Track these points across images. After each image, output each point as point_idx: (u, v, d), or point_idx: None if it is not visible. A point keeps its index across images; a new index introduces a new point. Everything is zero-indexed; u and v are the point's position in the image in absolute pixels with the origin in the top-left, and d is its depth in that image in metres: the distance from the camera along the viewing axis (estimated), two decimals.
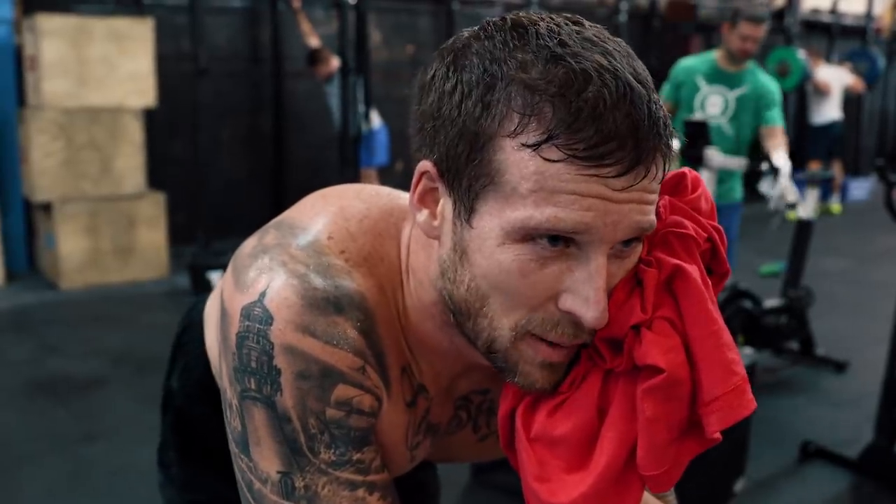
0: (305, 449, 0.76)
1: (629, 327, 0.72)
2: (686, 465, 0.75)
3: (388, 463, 0.84)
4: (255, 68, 6.96)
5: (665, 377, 0.70)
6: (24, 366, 4.02)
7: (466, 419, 0.95)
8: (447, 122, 0.71)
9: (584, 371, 0.77)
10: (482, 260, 0.71)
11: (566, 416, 0.76)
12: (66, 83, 5.28)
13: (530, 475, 0.76)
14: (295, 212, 0.85)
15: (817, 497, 2.99)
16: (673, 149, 0.71)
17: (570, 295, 0.70)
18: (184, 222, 6.28)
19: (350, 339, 0.76)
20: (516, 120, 0.67)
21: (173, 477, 1.20)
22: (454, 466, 2.93)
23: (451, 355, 0.85)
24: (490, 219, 0.70)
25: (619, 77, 0.66)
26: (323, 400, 0.75)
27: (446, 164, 0.72)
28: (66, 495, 2.84)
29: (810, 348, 4.21)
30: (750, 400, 0.72)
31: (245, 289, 0.77)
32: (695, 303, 0.72)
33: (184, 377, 1.17)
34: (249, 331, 0.75)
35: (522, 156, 0.67)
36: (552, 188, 0.67)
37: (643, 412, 0.71)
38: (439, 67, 0.73)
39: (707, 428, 0.72)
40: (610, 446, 0.73)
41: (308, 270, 0.76)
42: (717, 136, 3.96)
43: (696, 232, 0.77)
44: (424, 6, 7.79)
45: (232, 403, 0.79)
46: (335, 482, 0.77)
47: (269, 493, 0.78)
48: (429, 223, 0.76)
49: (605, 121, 0.65)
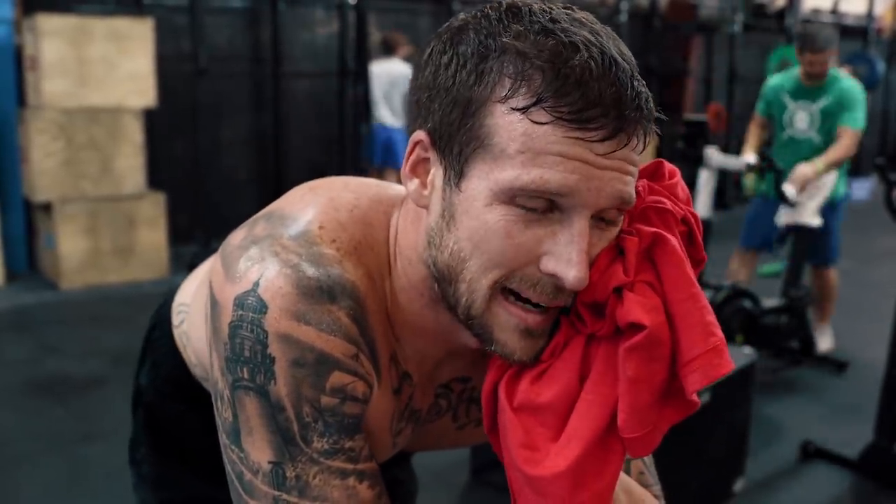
0: (298, 438, 0.76)
1: (612, 290, 0.74)
2: (666, 430, 0.76)
3: (372, 450, 0.84)
4: (255, 68, 6.96)
5: (647, 333, 0.72)
6: (23, 365, 4.02)
7: (447, 407, 0.95)
8: (442, 92, 0.75)
9: (566, 339, 0.78)
10: (469, 221, 0.74)
11: (549, 383, 0.77)
12: (66, 83, 5.28)
13: (516, 443, 0.76)
14: (284, 203, 0.86)
15: (817, 497, 2.99)
16: (653, 126, 0.75)
17: (552, 257, 0.73)
18: (184, 222, 6.28)
19: (344, 326, 0.77)
20: (507, 85, 0.71)
21: (145, 475, 1.21)
22: (453, 466, 2.93)
23: (436, 337, 0.86)
24: (479, 181, 0.74)
25: (605, 52, 0.71)
26: (318, 387, 0.75)
27: (439, 132, 0.76)
28: (64, 495, 2.84)
29: (810, 348, 4.20)
30: (728, 360, 0.73)
31: (237, 279, 0.77)
32: (673, 267, 0.75)
33: (153, 373, 1.18)
34: (243, 320, 0.75)
35: (512, 119, 0.71)
36: (539, 149, 0.70)
37: (625, 371, 0.73)
38: (437, 45, 0.77)
39: (687, 387, 0.73)
40: (591, 411, 0.74)
41: (301, 260, 0.77)
42: (808, 149, 4.02)
43: (674, 209, 0.79)
44: (424, 6, 7.79)
45: (223, 394, 0.79)
46: (326, 471, 0.77)
47: (260, 484, 0.78)
48: (419, 192, 0.79)
49: (591, 88, 0.69)
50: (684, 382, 0.73)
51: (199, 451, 1.16)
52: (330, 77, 7.23)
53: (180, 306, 1.16)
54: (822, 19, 10.85)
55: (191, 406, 1.16)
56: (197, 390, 1.14)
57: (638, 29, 9.17)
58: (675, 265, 0.75)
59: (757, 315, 3.85)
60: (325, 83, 7.24)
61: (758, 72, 9.85)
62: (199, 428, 1.15)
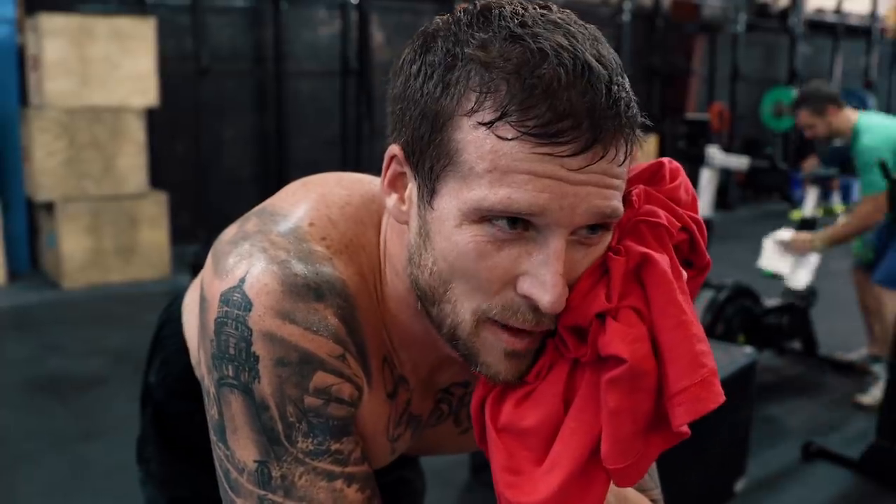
0: (283, 438, 0.75)
1: (594, 315, 0.71)
2: (654, 459, 0.73)
3: (369, 455, 0.83)
4: (257, 68, 6.97)
5: (627, 367, 0.68)
6: (24, 365, 4.02)
7: (448, 412, 0.94)
8: (411, 104, 0.72)
9: (551, 362, 0.75)
10: (442, 242, 0.71)
11: (533, 407, 0.75)
12: (69, 83, 5.29)
13: (499, 466, 0.75)
14: (276, 199, 0.85)
15: (819, 497, 2.98)
16: (638, 133, 0.70)
17: (527, 278, 0.69)
18: (186, 222, 6.28)
19: (330, 326, 0.75)
20: (473, 98, 0.67)
21: (153, 472, 1.20)
22: (453, 466, 2.92)
23: (428, 346, 0.83)
24: (449, 200, 0.70)
25: (577, 57, 0.66)
26: (301, 387, 0.74)
27: (411, 146, 0.72)
28: (65, 494, 2.84)
29: (812, 348, 4.20)
30: (718, 392, 0.69)
31: (224, 275, 0.76)
32: (662, 292, 0.71)
33: (162, 372, 1.17)
34: (228, 317, 0.74)
35: (478, 134, 0.67)
36: (506, 168, 0.66)
37: (606, 404, 0.70)
38: (409, 53, 0.74)
39: (673, 420, 0.70)
40: (573, 439, 0.72)
41: (289, 257, 0.75)
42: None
43: (670, 222, 0.75)
44: (427, 6, 7.78)
45: (210, 391, 0.78)
46: (312, 472, 0.76)
47: (246, 483, 0.77)
48: (398, 208, 0.76)
49: (559, 98, 0.65)
50: (670, 415, 0.70)
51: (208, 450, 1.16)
52: (332, 77, 7.23)
53: (190, 305, 1.16)
54: (826, 19, 10.82)
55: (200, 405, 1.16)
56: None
57: (641, 29, 9.16)
58: (663, 290, 0.71)
59: (759, 314, 3.84)
60: (328, 83, 7.24)
61: (761, 72, 9.85)
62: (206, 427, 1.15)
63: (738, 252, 5.43)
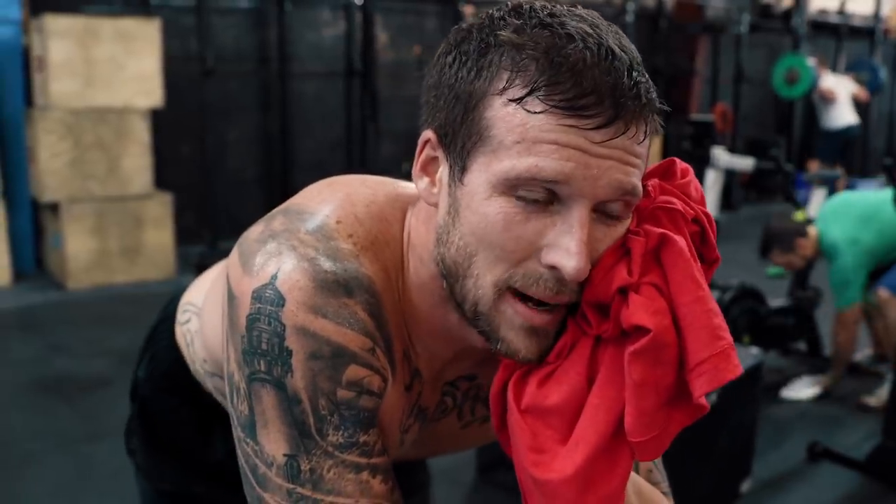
0: (314, 431, 0.76)
1: (616, 290, 0.73)
2: (675, 434, 0.75)
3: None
4: (261, 69, 6.97)
5: (651, 337, 0.71)
6: (30, 365, 4.03)
7: (452, 405, 0.95)
8: (446, 89, 0.77)
9: (573, 340, 0.77)
10: (470, 215, 0.74)
11: (556, 385, 0.76)
12: (74, 83, 5.30)
13: (524, 445, 0.76)
14: (301, 198, 0.86)
15: (824, 498, 2.98)
16: (656, 118, 0.75)
17: (552, 248, 0.73)
18: (190, 223, 6.30)
19: (360, 320, 0.77)
20: (504, 77, 0.72)
21: (139, 465, 1.24)
22: (460, 465, 2.93)
23: (445, 338, 0.86)
24: (479, 174, 0.74)
25: (601, 43, 0.71)
26: (334, 380, 0.76)
27: (444, 129, 0.77)
28: (71, 494, 2.85)
29: (818, 349, 4.20)
30: (736, 364, 0.72)
31: (255, 272, 0.77)
32: (680, 269, 0.74)
33: (150, 367, 1.21)
34: (261, 313, 0.76)
35: (509, 110, 0.72)
36: (534, 138, 0.71)
37: (630, 376, 0.72)
38: (444, 47, 0.79)
39: (694, 391, 0.72)
40: (597, 415, 0.74)
41: (318, 254, 0.77)
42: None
43: (685, 209, 0.78)
44: (431, 7, 7.79)
45: (239, 387, 0.79)
46: (341, 465, 0.77)
47: (274, 477, 0.78)
48: (428, 190, 0.80)
49: (585, 76, 0.69)
50: (691, 387, 0.72)
51: (191, 446, 1.19)
52: (336, 77, 7.24)
53: (187, 305, 1.17)
54: (829, 20, 10.82)
55: (184, 401, 1.18)
56: (193, 387, 1.16)
57: (644, 29, 9.16)
58: (681, 267, 0.74)
59: (764, 315, 3.84)
60: (332, 84, 7.25)
61: (764, 72, 9.84)
62: (191, 423, 1.18)
63: (742, 252, 5.42)
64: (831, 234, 3.61)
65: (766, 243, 3.79)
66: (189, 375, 1.15)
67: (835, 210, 3.71)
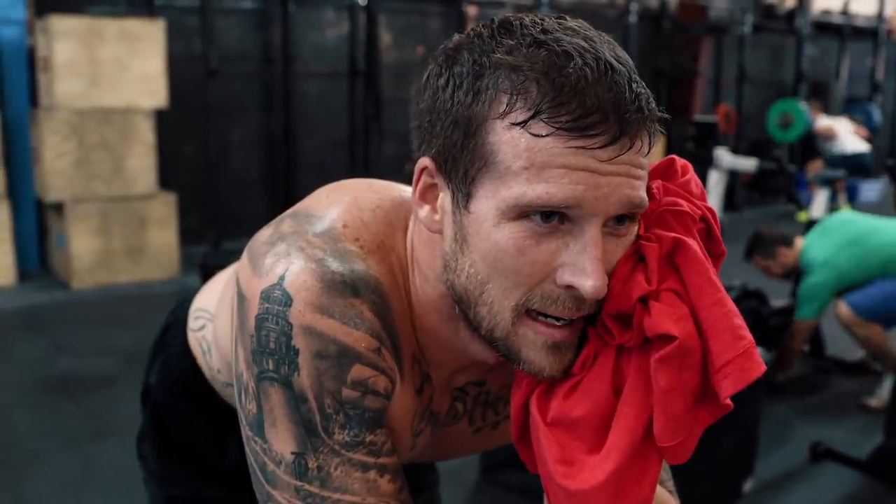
0: (320, 429, 0.77)
1: (636, 300, 0.73)
2: (699, 435, 0.76)
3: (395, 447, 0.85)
4: (265, 69, 6.99)
5: (678, 344, 0.71)
6: (35, 364, 4.05)
7: (462, 411, 0.96)
8: (442, 114, 0.75)
9: (595, 351, 0.78)
10: (480, 242, 0.74)
11: (582, 397, 0.77)
12: (78, 84, 5.31)
13: (552, 458, 0.76)
14: (309, 202, 0.87)
15: (827, 498, 2.98)
16: (657, 126, 0.74)
17: (567, 268, 0.72)
18: (194, 223, 6.31)
19: (367, 320, 0.78)
20: (504, 101, 0.71)
21: (151, 470, 1.24)
22: (463, 465, 2.93)
23: (455, 350, 0.86)
24: (486, 201, 0.73)
25: (599, 57, 0.70)
26: (339, 379, 0.77)
27: (443, 155, 0.76)
28: (76, 493, 2.85)
29: (820, 349, 4.19)
30: (760, 362, 0.73)
31: (264, 273, 0.79)
32: (697, 273, 0.74)
33: (162, 373, 1.20)
34: (269, 313, 0.77)
35: (513, 134, 0.71)
36: (542, 163, 0.70)
37: (658, 383, 0.72)
38: (433, 68, 0.77)
39: (721, 393, 0.73)
40: (627, 422, 0.74)
41: (325, 255, 0.78)
42: None
43: (691, 209, 0.79)
44: (435, 7, 7.80)
45: (248, 386, 0.80)
46: (348, 463, 0.78)
47: (283, 474, 0.79)
48: (430, 218, 0.79)
49: (588, 95, 0.69)
50: (717, 388, 0.73)
51: (204, 452, 1.19)
52: (340, 78, 7.25)
53: (199, 311, 1.17)
54: (833, 20, 10.82)
55: (198, 407, 1.18)
56: (207, 393, 1.16)
57: (647, 30, 9.16)
58: (698, 271, 0.74)
59: (766, 315, 3.84)
60: (336, 84, 7.27)
61: (767, 73, 9.84)
62: (204, 429, 1.18)
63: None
64: (812, 251, 3.67)
65: (751, 247, 3.83)
66: (203, 381, 1.16)
67: (826, 228, 3.75)
